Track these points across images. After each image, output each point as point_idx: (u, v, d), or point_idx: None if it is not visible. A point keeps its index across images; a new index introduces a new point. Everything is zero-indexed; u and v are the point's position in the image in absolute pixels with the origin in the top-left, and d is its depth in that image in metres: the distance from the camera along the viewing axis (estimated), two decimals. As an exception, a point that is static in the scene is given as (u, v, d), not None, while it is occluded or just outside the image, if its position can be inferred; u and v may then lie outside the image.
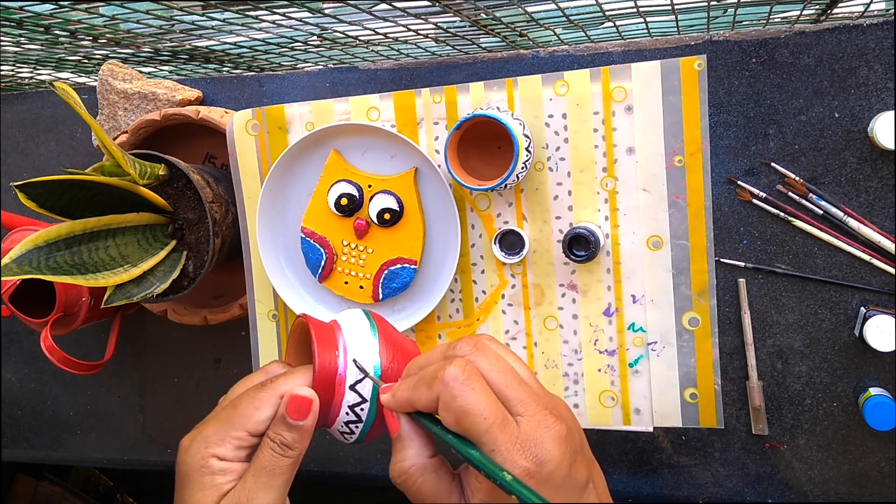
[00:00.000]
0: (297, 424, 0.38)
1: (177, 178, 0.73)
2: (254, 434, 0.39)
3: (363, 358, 0.40)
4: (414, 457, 0.37)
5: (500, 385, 0.36)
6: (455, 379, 0.35)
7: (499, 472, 0.33)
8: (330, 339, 0.41)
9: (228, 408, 0.40)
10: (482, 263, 0.70)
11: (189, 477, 0.39)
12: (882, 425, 0.66)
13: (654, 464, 0.78)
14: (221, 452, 0.39)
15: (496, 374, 0.36)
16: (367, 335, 0.41)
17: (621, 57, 0.72)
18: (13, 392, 1.00)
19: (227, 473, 0.39)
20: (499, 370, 0.36)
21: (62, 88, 0.60)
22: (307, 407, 0.38)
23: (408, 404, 0.38)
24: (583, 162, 0.66)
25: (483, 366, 0.36)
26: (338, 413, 0.40)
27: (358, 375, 0.40)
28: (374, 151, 0.69)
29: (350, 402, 0.40)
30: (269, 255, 0.73)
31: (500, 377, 0.36)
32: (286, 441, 0.38)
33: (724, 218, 0.72)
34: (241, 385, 0.42)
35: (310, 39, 0.83)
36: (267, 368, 0.43)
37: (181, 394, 0.93)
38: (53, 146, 0.94)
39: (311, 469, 0.88)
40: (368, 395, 0.40)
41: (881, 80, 0.67)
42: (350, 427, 0.41)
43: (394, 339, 0.43)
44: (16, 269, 0.60)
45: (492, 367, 0.36)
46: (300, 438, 0.39)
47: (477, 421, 0.34)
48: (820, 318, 0.71)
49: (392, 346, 0.42)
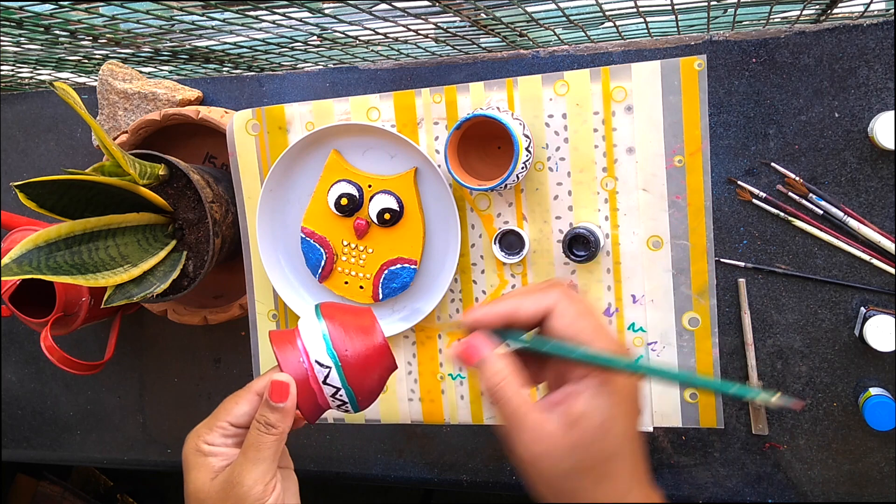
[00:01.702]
0: (279, 406, 0.46)
1: (177, 178, 0.73)
2: (235, 425, 0.47)
3: (312, 336, 0.48)
4: (504, 369, 0.39)
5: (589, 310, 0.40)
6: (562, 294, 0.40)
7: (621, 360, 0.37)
8: (288, 337, 0.48)
9: (217, 408, 0.48)
10: (482, 263, 0.70)
11: (187, 461, 0.47)
12: (882, 425, 0.66)
13: (654, 464, 0.78)
14: (210, 439, 0.47)
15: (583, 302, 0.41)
16: (313, 321, 0.49)
17: (621, 57, 0.72)
18: (13, 392, 1.00)
19: (216, 456, 0.47)
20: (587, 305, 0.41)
21: (62, 88, 0.60)
22: (285, 389, 0.46)
23: (506, 314, 0.40)
24: (583, 162, 0.66)
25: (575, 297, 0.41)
26: (321, 389, 0.47)
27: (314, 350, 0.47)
28: (374, 151, 0.69)
29: (321, 376, 0.47)
30: (269, 255, 0.73)
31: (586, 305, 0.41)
32: (270, 421, 0.46)
33: (724, 218, 0.72)
34: None
35: (310, 39, 0.83)
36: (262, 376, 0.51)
37: (181, 394, 0.93)
38: (53, 146, 0.94)
39: (311, 469, 0.88)
40: (331, 363, 0.47)
41: (881, 80, 0.67)
42: (339, 398, 0.48)
43: (340, 311, 0.50)
44: (16, 269, 0.60)
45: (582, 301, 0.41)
46: (282, 418, 0.46)
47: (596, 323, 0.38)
48: (820, 318, 0.71)
49: (339, 317, 0.49)
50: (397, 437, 0.85)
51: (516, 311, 0.40)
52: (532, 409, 0.37)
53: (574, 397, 0.37)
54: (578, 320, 0.38)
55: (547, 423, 0.37)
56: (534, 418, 0.37)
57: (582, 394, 0.37)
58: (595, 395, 0.37)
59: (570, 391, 0.38)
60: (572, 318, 0.38)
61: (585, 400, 0.37)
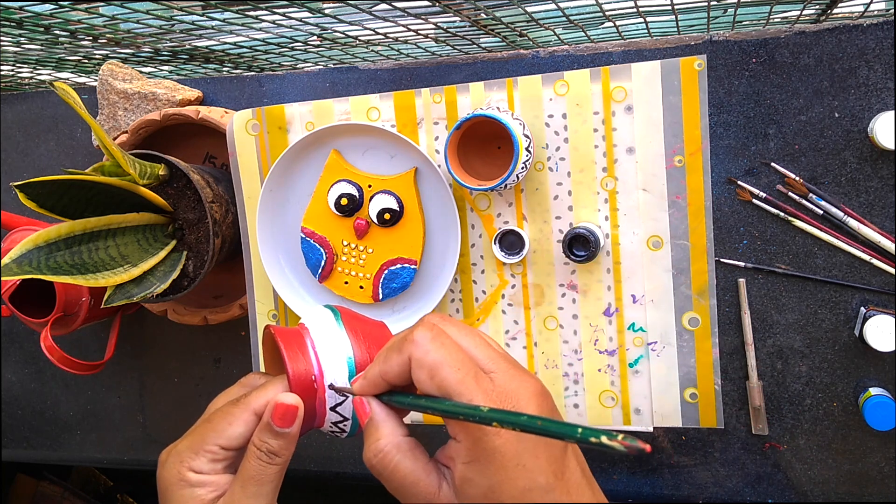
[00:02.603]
0: (283, 432, 0.38)
1: (177, 178, 0.73)
2: (226, 448, 0.39)
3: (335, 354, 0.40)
4: (388, 435, 0.36)
5: (469, 346, 0.36)
6: (424, 336, 0.35)
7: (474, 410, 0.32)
8: (299, 344, 0.40)
9: (203, 423, 0.40)
10: (482, 263, 0.70)
11: (169, 491, 0.39)
12: (882, 425, 0.66)
13: (653, 464, 0.78)
14: (196, 466, 0.39)
15: (464, 337, 0.36)
16: (334, 330, 0.41)
17: (621, 57, 0.72)
18: (13, 392, 1.00)
19: (205, 486, 0.39)
20: (466, 334, 0.36)
21: (62, 88, 0.60)
22: (293, 414, 0.39)
23: (380, 379, 0.37)
24: (583, 162, 0.66)
25: (450, 330, 0.36)
26: (324, 413, 0.40)
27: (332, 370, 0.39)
28: (374, 151, 0.69)
29: (332, 402, 0.40)
30: (269, 255, 0.73)
31: (468, 339, 0.36)
32: (273, 448, 0.39)
33: (724, 218, 0.72)
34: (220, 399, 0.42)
35: (310, 39, 0.83)
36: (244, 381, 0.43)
37: (181, 394, 0.93)
38: (53, 146, 0.94)
39: (311, 469, 0.88)
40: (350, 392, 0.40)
41: (881, 80, 0.67)
42: (339, 427, 0.41)
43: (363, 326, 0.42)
44: (16, 269, 0.60)
45: (459, 332, 0.36)
46: (287, 445, 0.39)
47: (450, 373, 0.33)
48: (820, 318, 0.71)
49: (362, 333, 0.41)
50: (397, 437, 0.85)
51: (385, 375, 0.37)
52: (422, 475, 0.35)
53: (454, 461, 0.35)
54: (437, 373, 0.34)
55: (438, 491, 0.35)
56: (425, 485, 0.35)
57: (459, 457, 0.34)
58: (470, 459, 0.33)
59: (452, 451, 0.35)
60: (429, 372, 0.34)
61: (462, 468, 0.34)
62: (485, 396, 0.33)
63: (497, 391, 0.34)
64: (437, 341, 0.35)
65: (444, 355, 0.34)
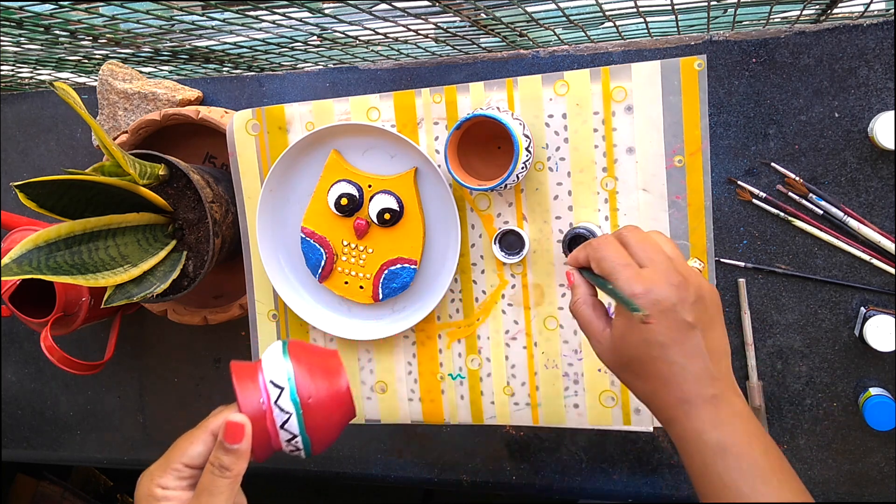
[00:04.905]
0: (233, 448, 0.44)
1: (177, 178, 0.73)
2: (190, 466, 0.45)
3: (277, 376, 0.46)
4: (582, 294, 0.51)
5: (636, 248, 0.48)
6: (598, 240, 0.50)
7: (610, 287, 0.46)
8: (250, 374, 0.47)
9: (171, 446, 0.47)
10: (482, 263, 0.70)
11: None
12: (882, 425, 0.66)
13: (654, 464, 0.78)
14: (164, 482, 0.45)
15: (634, 241, 0.48)
16: (279, 359, 0.48)
17: (621, 57, 0.72)
18: (13, 392, 1.00)
19: (170, 500, 0.45)
20: (637, 240, 0.48)
21: (62, 88, 0.60)
22: (241, 431, 0.44)
23: (576, 262, 0.52)
24: (583, 162, 0.66)
25: (626, 236, 0.49)
26: (276, 432, 0.46)
27: (276, 392, 0.46)
28: (374, 151, 0.69)
29: (279, 421, 0.46)
30: (269, 255, 0.73)
31: (638, 244, 0.48)
32: (224, 463, 0.44)
33: (724, 218, 0.72)
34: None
35: (310, 39, 0.83)
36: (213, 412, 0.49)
37: (181, 394, 0.93)
38: (53, 146, 0.94)
39: (311, 469, 0.88)
40: (293, 410, 0.46)
41: (881, 80, 0.67)
42: (293, 444, 0.47)
43: (308, 355, 0.49)
44: (16, 269, 0.60)
45: (632, 236, 0.48)
46: (236, 460, 0.45)
47: (607, 262, 0.47)
48: (820, 318, 0.71)
49: (306, 361, 0.48)
50: (397, 437, 0.85)
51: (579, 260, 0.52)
52: (594, 320, 0.50)
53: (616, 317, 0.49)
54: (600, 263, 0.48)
55: (603, 331, 0.49)
56: (595, 326, 0.50)
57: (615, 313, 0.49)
58: (617, 315, 0.48)
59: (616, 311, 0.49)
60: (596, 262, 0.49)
61: (615, 319, 0.48)
62: (630, 277, 0.46)
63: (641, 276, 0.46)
64: (604, 242, 0.49)
65: (605, 251, 0.48)
